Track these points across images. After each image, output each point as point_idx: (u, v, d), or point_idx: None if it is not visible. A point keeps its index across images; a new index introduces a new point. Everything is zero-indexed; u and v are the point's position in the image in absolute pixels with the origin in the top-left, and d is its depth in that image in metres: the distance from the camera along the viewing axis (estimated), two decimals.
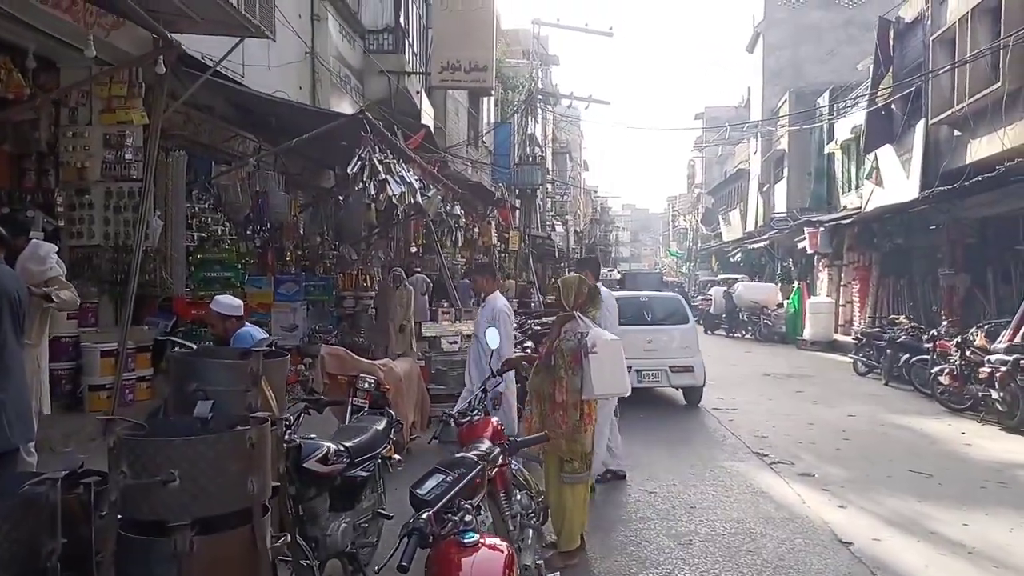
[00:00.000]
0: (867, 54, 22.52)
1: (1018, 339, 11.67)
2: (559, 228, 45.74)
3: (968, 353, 9.50)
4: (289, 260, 10.37)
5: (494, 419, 4.68)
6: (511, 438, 3.30)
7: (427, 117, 16.91)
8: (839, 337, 19.73)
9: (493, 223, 25.06)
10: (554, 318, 5.08)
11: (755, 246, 31.59)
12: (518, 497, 4.32)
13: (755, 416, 9.39)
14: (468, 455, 3.68)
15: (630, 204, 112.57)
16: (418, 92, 15.94)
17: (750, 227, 33.84)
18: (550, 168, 44.56)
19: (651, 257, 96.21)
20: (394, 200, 8.80)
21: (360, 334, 12.07)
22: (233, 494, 2.14)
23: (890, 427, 8.78)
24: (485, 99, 24.32)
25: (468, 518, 2.48)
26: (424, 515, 2.36)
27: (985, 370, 8.92)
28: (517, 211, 24.72)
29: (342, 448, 4.08)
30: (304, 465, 3.79)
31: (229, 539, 2.16)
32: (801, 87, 28.22)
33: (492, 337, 4.98)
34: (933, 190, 14.32)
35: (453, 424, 4.65)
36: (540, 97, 24.65)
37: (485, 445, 4.12)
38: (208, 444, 2.12)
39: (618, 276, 22.68)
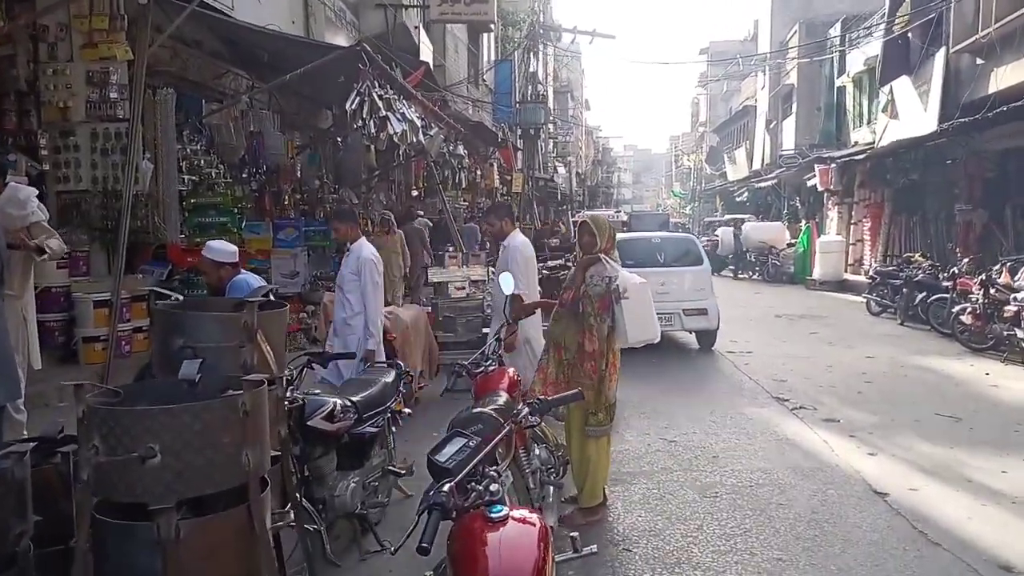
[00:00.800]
0: None
1: None
2: (561, 170, 45.03)
3: (992, 291, 9.18)
4: (287, 204, 9.99)
5: (509, 369, 4.41)
6: (539, 397, 2.99)
7: (426, 53, 16.28)
8: (849, 276, 19.42)
9: (495, 165, 24.52)
10: (571, 260, 4.74)
11: (762, 185, 31.01)
12: (537, 452, 4.08)
13: (771, 359, 9.14)
14: (485, 410, 3.40)
15: (632, 144, 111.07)
16: (416, 27, 15.30)
17: (756, 165, 33.16)
18: (551, 107, 43.61)
19: (653, 199, 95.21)
20: (396, 139, 8.38)
21: None
22: (225, 470, 1.85)
23: (911, 368, 8.53)
24: (485, 35, 23.49)
25: (494, 487, 2.19)
26: (445, 487, 2.07)
27: (1011, 308, 8.61)
28: (520, 152, 24.12)
29: (349, 403, 3.81)
30: (309, 423, 3.53)
31: (222, 522, 1.87)
32: (811, 18, 27.25)
33: (506, 282, 4.66)
34: (954, 121, 13.79)
35: (467, 375, 4.39)
36: (542, 32, 23.76)
37: (502, 398, 3.85)
38: (193, 413, 1.81)
39: (624, 217, 22.16)
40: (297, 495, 2.92)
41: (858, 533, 4.01)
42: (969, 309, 9.46)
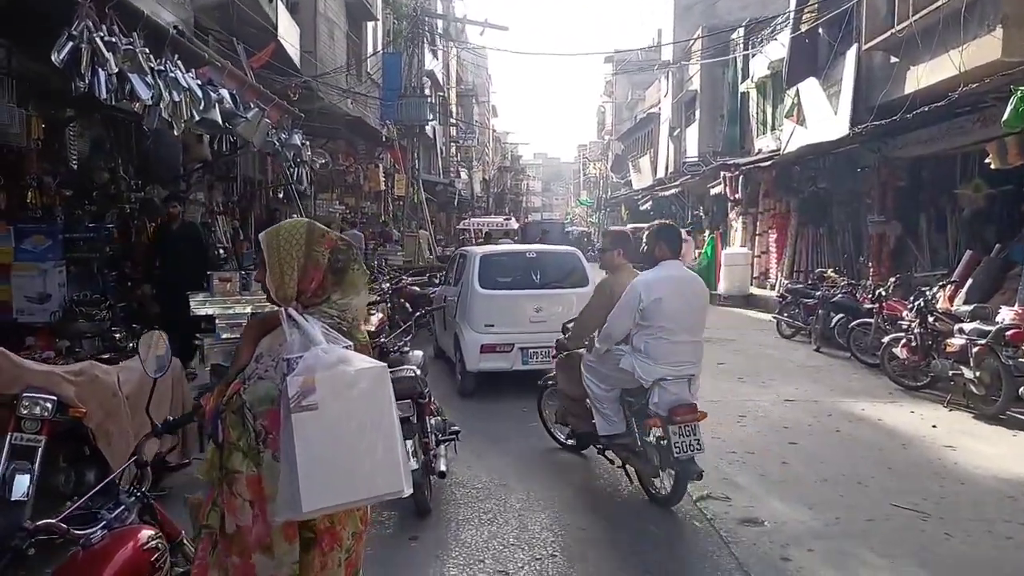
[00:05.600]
0: None
1: (960, 301, 9.97)
2: (463, 175, 43.11)
3: (931, 320, 7.61)
4: (33, 203, 7.38)
5: (146, 533, 2.20)
6: None
7: (291, 35, 13.94)
8: (755, 291, 18.12)
9: (381, 166, 22.20)
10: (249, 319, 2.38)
11: (665, 193, 29.92)
12: None
13: None
14: None
15: (542, 153, 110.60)
16: (271, 1, 12.86)
17: (660, 174, 32.09)
18: (454, 111, 41.60)
19: (562, 207, 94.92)
20: (164, 112, 6.02)
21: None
22: None
23: (841, 418, 6.79)
24: (370, 24, 21.19)
25: None
26: None
27: (955, 342, 7.02)
28: (403, 150, 21.89)
29: None
30: None
31: None
32: (714, 23, 26.27)
33: (152, 355, 2.46)
34: (868, 124, 12.48)
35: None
36: (428, 20, 21.57)
37: None
38: None
39: (514, 225, 20.16)
40: None
41: None
42: (904, 341, 7.83)
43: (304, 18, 16.07)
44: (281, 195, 15.63)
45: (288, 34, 13.76)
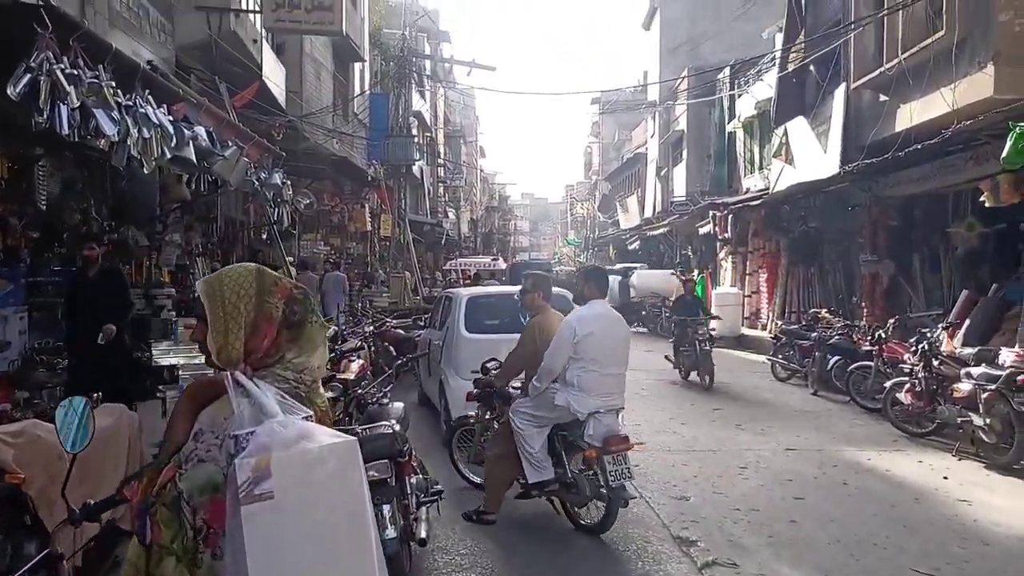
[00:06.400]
0: (767, 27, 20.94)
1: (958, 342, 9.68)
2: (451, 215, 43.07)
3: (936, 363, 7.31)
4: None
5: None
6: None
7: (276, 75, 13.78)
8: (746, 331, 17.86)
9: (367, 206, 21.96)
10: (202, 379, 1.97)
11: (653, 233, 29.87)
12: None
13: (668, 457, 6.87)
14: None
15: (529, 193, 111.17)
16: (255, 41, 12.72)
17: (648, 213, 32.08)
18: (442, 151, 41.70)
19: (550, 247, 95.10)
20: (132, 149, 5.71)
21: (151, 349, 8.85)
22: None
23: (847, 469, 6.44)
24: (357, 65, 21.18)
25: None
26: None
27: (963, 387, 6.72)
28: (390, 191, 21.69)
29: None
30: None
31: None
32: (699, 65, 26.51)
33: (69, 426, 2.09)
34: (859, 162, 12.37)
35: None
36: (415, 61, 21.56)
37: None
38: None
39: (502, 265, 19.88)
40: None
41: None
42: (908, 386, 7.53)
43: (290, 58, 15.97)
44: (264, 236, 15.30)
45: (273, 74, 13.60)
